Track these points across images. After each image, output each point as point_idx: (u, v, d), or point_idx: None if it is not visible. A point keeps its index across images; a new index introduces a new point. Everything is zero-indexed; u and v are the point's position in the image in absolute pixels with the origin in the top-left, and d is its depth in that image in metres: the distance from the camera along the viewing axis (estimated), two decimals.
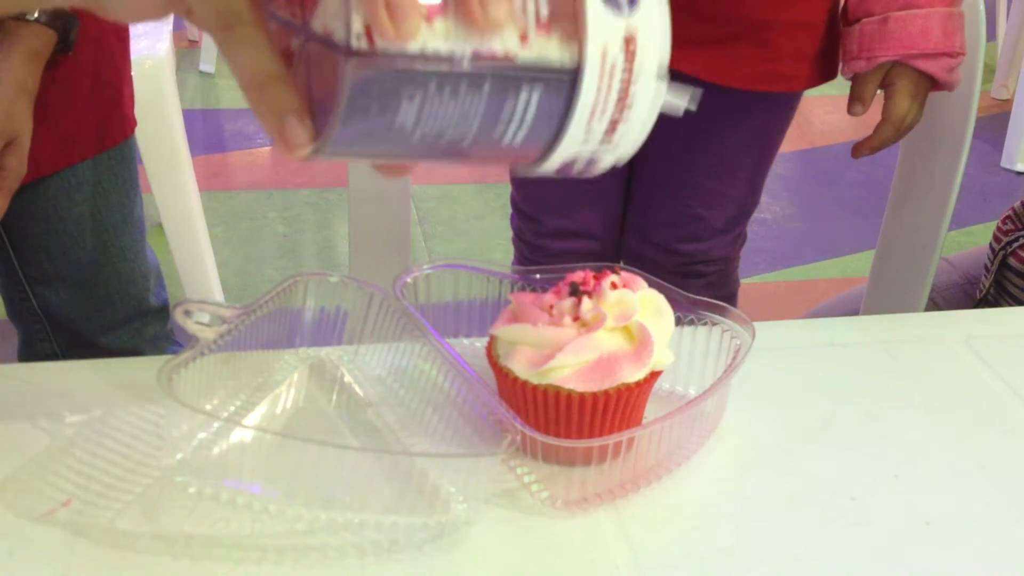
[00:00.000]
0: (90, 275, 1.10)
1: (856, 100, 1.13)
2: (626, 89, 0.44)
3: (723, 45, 1.11)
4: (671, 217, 1.25)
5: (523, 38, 0.42)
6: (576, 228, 1.28)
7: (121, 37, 1.08)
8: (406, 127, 0.43)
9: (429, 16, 0.41)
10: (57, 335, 1.13)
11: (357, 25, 0.40)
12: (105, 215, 1.09)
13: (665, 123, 1.39)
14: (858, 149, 1.17)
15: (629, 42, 0.43)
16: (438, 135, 0.43)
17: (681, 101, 0.47)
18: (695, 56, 1.10)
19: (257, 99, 0.45)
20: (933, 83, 1.12)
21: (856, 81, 1.14)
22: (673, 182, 1.24)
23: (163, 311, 1.20)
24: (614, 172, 1.41)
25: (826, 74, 1.17)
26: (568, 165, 0.47)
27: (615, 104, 0.44)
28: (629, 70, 0.44)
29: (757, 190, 1.28)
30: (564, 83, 0.43)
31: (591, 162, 0.47)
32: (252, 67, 0.45)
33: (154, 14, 0.49)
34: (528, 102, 0.43)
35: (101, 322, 1.13)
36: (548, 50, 0.43)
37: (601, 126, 0.45)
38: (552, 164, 0.46)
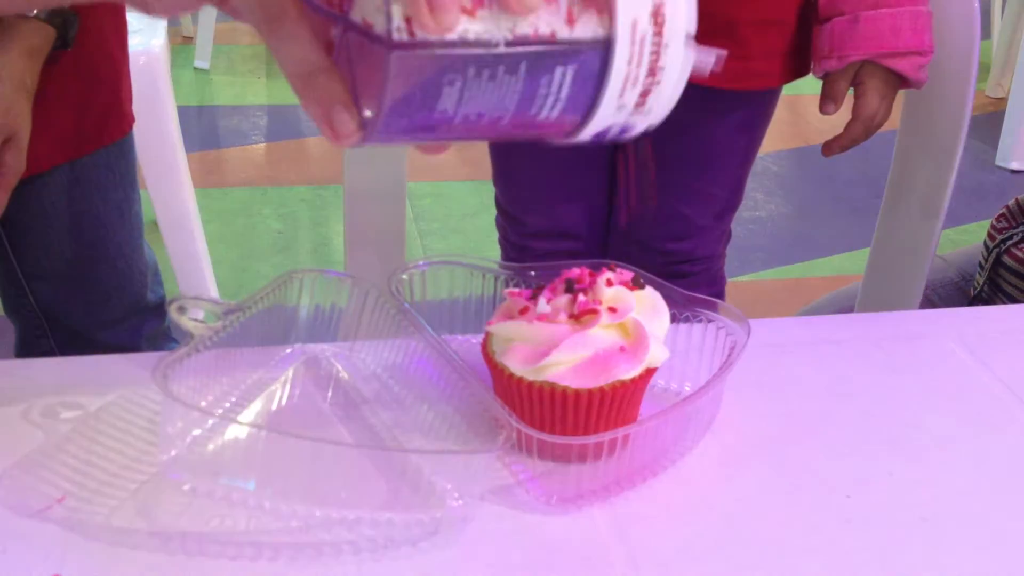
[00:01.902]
0: (87, 272, 1.10)
1: (828, 99, 1.14)
2: (656, 59, 0.46)
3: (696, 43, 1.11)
4: (653, 217, 1.26)
5: (557, 18, 0.43)
6: (560, 228, 1.28)
7: (119, 34, 1.08)
8: (448, 111, 0.44)
9: (466, 5, 0.42)
10: (54, 332, 1.13)
11: (398, 18, 0.41)
12: (103, 212, 1.08)
13: None
14: (828, 147, 1.18)
15: (657, 13, 0.45)
16: (478, 116, 0.45)
17: (708, 60, 0.49)
18: None
19: (304, 91, 0.46)
20: (902, 81, 1.12)
21: (827, 80, 1.14)
22: (655, 181, 1.24)
23: (160, 308, 1.20)
24: (596, 172, 1.40)
25: (799, 71, 1.17)
26: (602, 134, 0.48)
27: (646, 74, 0.46)
28: (658, 40, 0.45)
29: (740, 187, 1.28)
30: (597, 57, 0.45)
31: (624, 130, 0.49)
32: (298, 59, 0.46)
33: (192, 5, 0.50)
34: (563, 78, 0.45)
35: (98, 319, 1.13)
36: (581, 27, 0.44)
37: (633, 96, 0.46)
38: (586, 135, 0.48)
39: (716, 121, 1.20)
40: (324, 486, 0.63)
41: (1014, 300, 1.23)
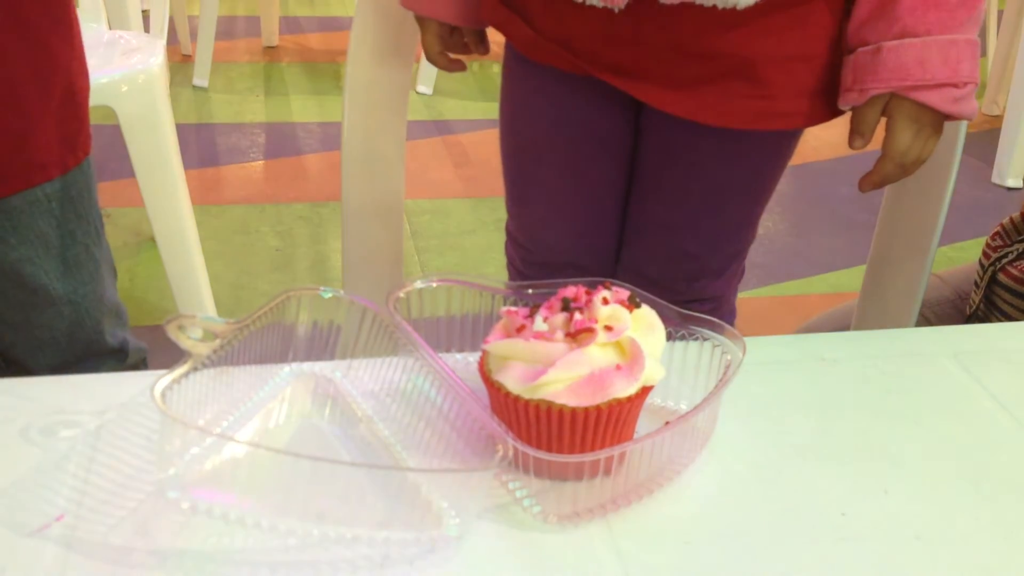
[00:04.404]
0: (32, 318, 1.08)
1: (855, 134, 1.06)
2: None
3: (714, 84, 1.05)
4: (666, 256, 1.22)
5: None
6: (569, 261, 1.27)
7: (37, 71, 1.01)
8: None
9: None
10: (10, 368, 1.11)
11: None
12: (44, 260, 1.05)
13: (658, 162, 1.33)
14: (862, 184, 1.11)
15: None
16: None
17: None
18: (684, 96, 1.06)
19: None
20: (943, 114, 1.03)
21: (854, 114, 1.07)
22: (666, 221, 1.20)
23: (120, 352, 1.17)
24: (607, 211, 1.34)
25: (831, 111, 1.09)
26: None
27: None
28: None
29: (753, 228, 1.23)
30: None
31: None
32: None
33: None
34: None
35: (49, 362, 1.11)
36: None
37: None
38: None
39: (732, 163, 1.14)
40: (321, 504, 0.63)
41: (1010, 318, 1.23)
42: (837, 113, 1.10)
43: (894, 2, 0.99)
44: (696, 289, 1.24)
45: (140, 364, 1.21)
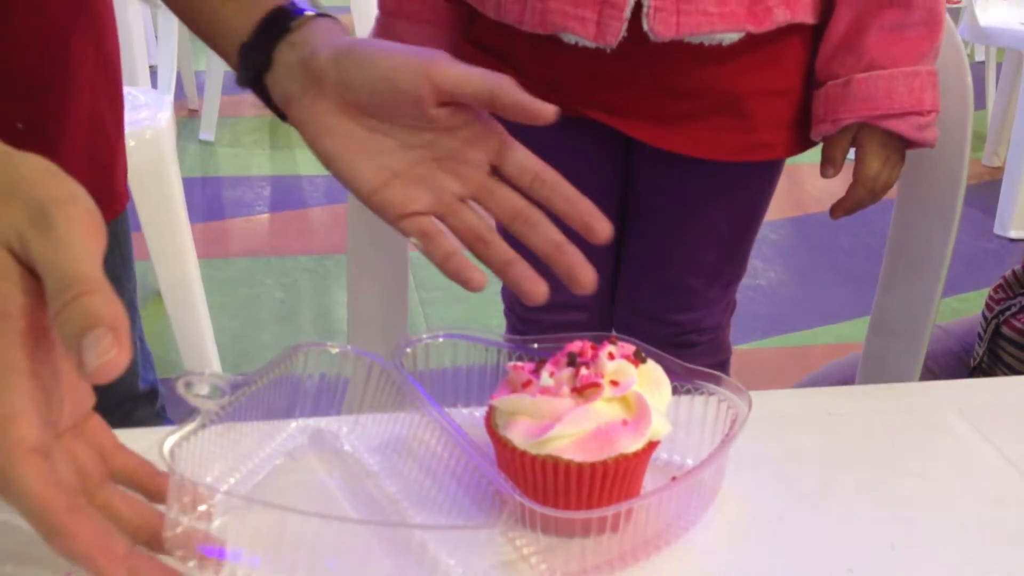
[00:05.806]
0: None
1: (827, 162, 1.13)
2: None
3: (701, 119, 1.11)
4: (660, 289, 1.26)
5: None
6: (565, 300, 1.29)
7: (115, 110, 1.03)
8: None
9: None
10: None
11: None
12: None
13: (651, 198, 1.40)
14: (834, 210, 1.18)
15: None
16: None
17: None
18: (674, 132, 1.11)
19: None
20: (908, 142, 1.11)
21: (826, 144, 1.14)
22: (660, 255, 1.24)
23: (151, 394, 1.17)
24: (602, 249, 1.39)
25: (808, 142, 1.17)
26: None
27: None
28: None
29: (745, 258, 1.28)
30: None
31: None
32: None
33: None
34: None
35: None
36: None
37: None
38: None
39: (721, 194, 1.20)
40: (328, 561, 0.63)
41: (1014, 371, 1.23)
42: (813, 143, 1.17)
43: (861, 37, 1.06)
44: (692, 321, 1.27)
45: (162, 409, 1.21)
